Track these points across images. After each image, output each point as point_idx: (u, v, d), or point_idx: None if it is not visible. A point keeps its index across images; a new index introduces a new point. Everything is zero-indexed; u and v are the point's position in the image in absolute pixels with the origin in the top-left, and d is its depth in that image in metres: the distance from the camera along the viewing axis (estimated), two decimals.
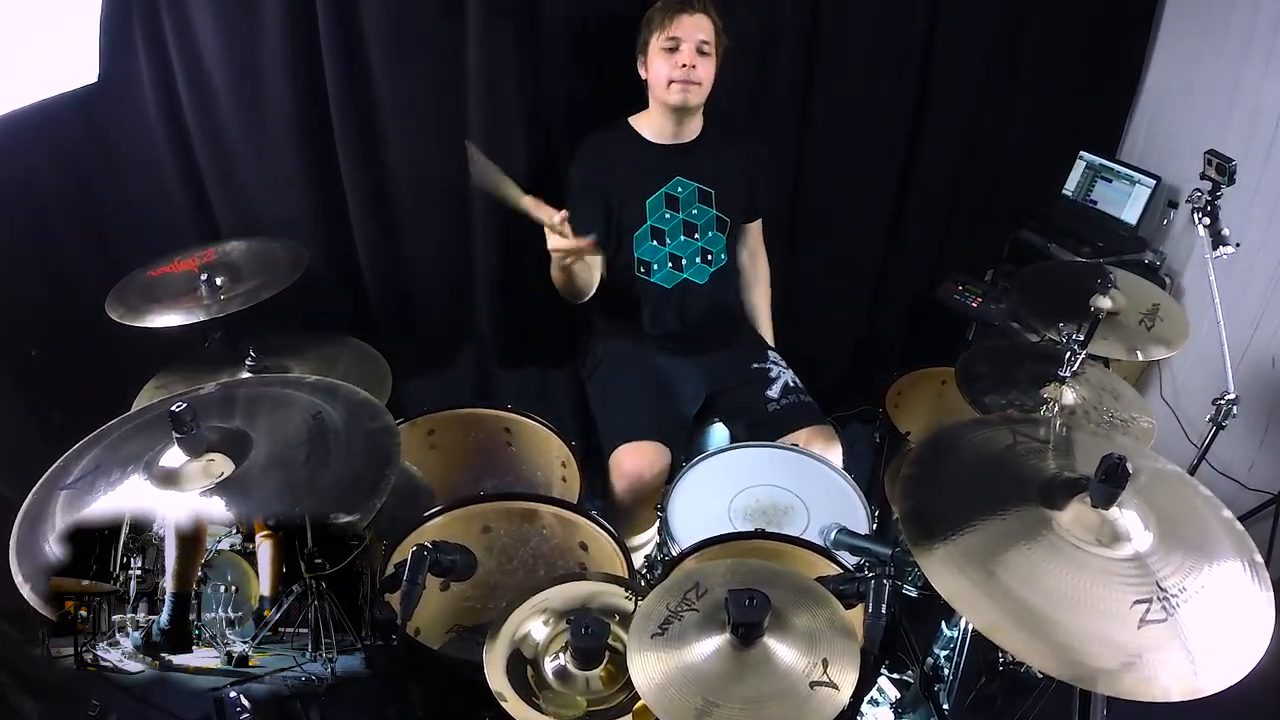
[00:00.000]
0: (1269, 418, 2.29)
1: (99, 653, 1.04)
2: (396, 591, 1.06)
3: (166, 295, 1.70)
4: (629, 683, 1.01)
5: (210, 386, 1.29)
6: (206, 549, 1.06)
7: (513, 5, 1.91)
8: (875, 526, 1.65)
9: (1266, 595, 0.98)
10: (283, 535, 1.06)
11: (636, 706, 1.08)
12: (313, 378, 1.32)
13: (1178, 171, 2.45)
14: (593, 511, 1.59)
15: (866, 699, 1.50)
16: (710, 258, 2.04)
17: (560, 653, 1.15)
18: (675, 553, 1.53)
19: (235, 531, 1.06)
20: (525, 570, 1.58)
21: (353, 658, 1.10)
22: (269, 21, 1.78)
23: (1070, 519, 1.04)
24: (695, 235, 2.02)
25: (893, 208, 2.55)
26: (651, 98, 1.93)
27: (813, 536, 1.50)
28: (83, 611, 1.03)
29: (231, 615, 1.06)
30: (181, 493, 1.07)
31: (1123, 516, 1.03)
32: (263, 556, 1.07)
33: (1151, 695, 0.88)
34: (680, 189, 1.98)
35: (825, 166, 2.38)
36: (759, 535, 1.50)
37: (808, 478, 1.72)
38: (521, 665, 1.14)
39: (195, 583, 1.06)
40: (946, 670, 1.59)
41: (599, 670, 1.14)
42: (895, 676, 1.64)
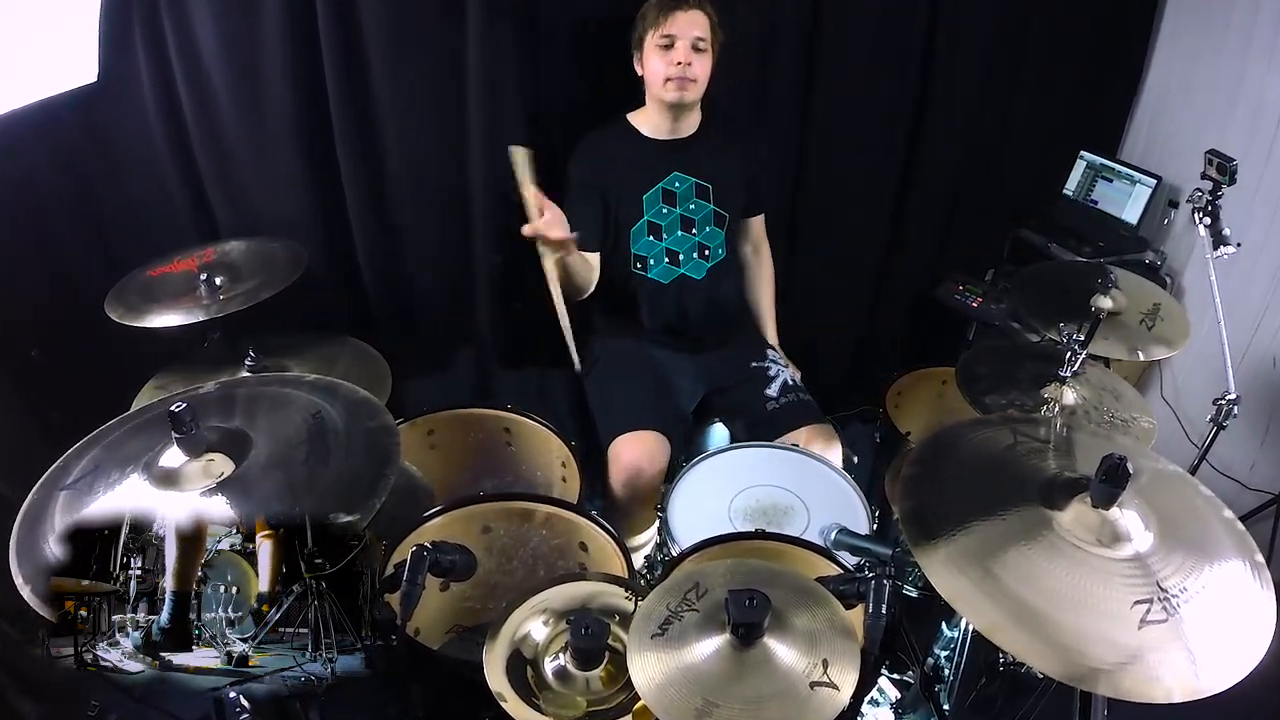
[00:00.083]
0: (1270, 418, 2.29)
1: (99, 653, 1.04)
2: (396, 592, 1.06)
3: (166, 295, 1.70)
4: (629, 683, 1.01)
5: (210, 386, 1.28)
6: (206, 549, 1.06)
7: (513, 5, 1.90)
8: (875, 527, 1.65)
9: (1268, 595, 0.98)
10: (283, 535, 1.06)
11: (636, 707, 1.08)
12: (312, 376, 1.31)
13: (1178, 171, 2.45)
14: (593, 512, 1.59)
15: (867, 699, 1.50)
16: (708, 253, 2.04)
17: (560, 653, 1.15)
18: (675, 553, 1.53)
19: (235, 531, 1.06)
20: (525, 570, 1.58)
21: (353, 658, 1.10)
22: (268, 21, 1.78)
23: (1071, 519, 1.04)
24: (693, 230, 2.01)
25: (893, 207, 2.55)
26: (648, 94, 1.93)
27: (813, 537, 1.50)
28: (83, 611, 1.02)
29: (231, 615, 1.06)
30: (181, 493, 1.07)
31: (1123, 517, 1.03)
32: (263, 556, 1.06)
33: (1152, 696, 0.88)
34: (678, 184, 1.98)
35: (826, 165, 2.38)
36: (759, 535, 1.50)
37: (808, 478, 1.72)
38: (521, 666, 1.14)
39: (195, 582, 1.06)
40: (947, 671, 1.59)
41: (599, 671, 1.13)
42: (896, 677, 1.64)
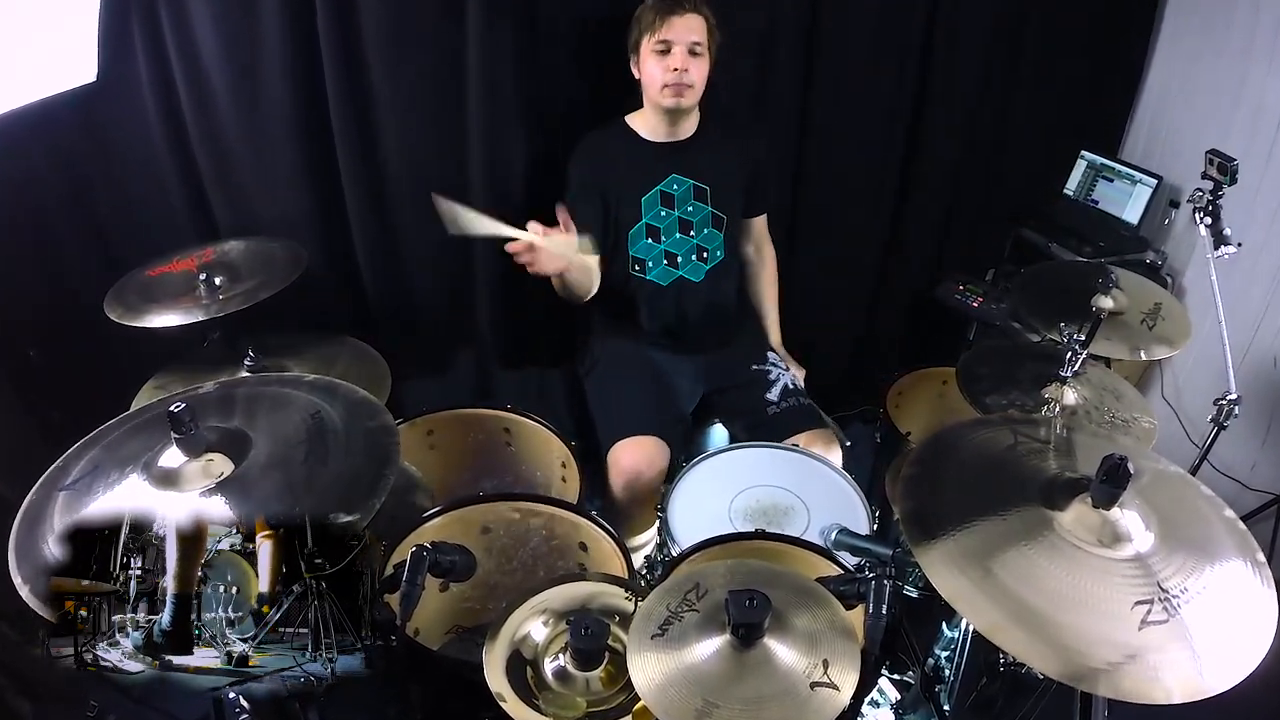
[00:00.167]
0: (1271, 418, 2.29)
1: (99, 653, 1.04)
2: (396, 592, 1.06)
3: (165, 295, 1.70)
4: (629, 684, 1.00)
5: (209, 386, 1.28)
6: (207, 549, 1.06)
7: (513, 5, 1.90)
8: (876, 527, 1.65)
9: (1269, 595, 0.98)
10: (283, 535, 1.06)
11: (636, 707, 1.07)
12: (311, 377, 1.31)
13: (1179, 171, 2.45)
14: (592, 512, 1.59)
15: (867, 700, 1.49)
16: (706, 255, 2.03)
17: (560, 653, 1.15)
18: (675, 553, 1.52)
19: (235, 531, 1.06)
20: (525, 571, 1.58)
21: (352, 658, 1.10)
22: (268, 21, 1.78)
23: (1071, 519, 1.03)
24: (691, 233, 2.00)
25: (893, 205, 2.54)
26: (645, 98, 1.92)
27: (813, 537, 1.50)
28: (83, 611, 1.02)
29: (231, 615, 1.06)
30: (180, 493, 1.07)
31: (1124, 517, 1.03)
32: (263, 556, 1.06)
33: (1153, 696, 0.88)
34: (676, 186, 1.97)
35: (825, 163, 2.38)
36: (759, 536, 1.50)
37: (808, 478, 1.72)
38: (521, 666, 1.14)
39: (196, 583, 1.06)
40: (947, 671, 1.58)
41: (599, 671, 1.13)
42: (896, 677, 1.64)
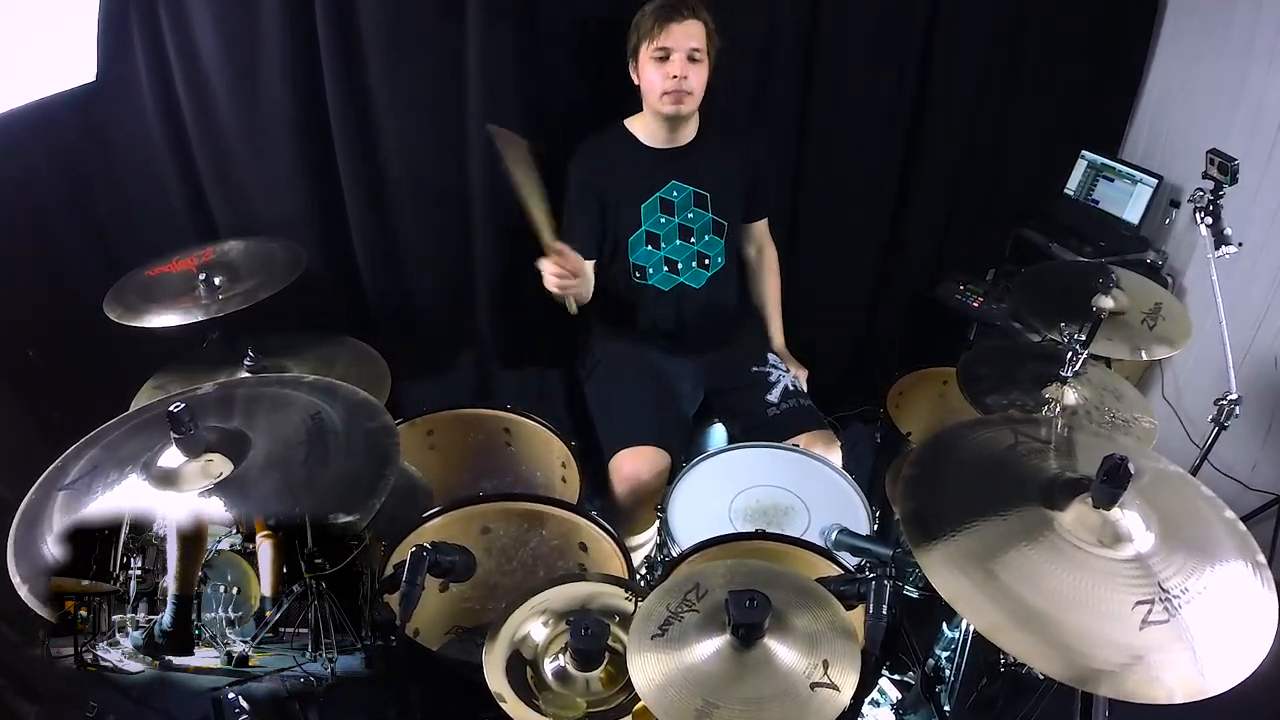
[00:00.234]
0: (1271, 418, 2.28)
1: (99, 653, 1.04)
2: (395, 592, 1.06)
3: (164, 295, 1.70)
4: (629, 684, 1.00)
5: (208, 386, 1.29)
6: (207, 549, 1.06)
7: (513, 5, 1.90)
8: (876, 527, 1.64)
9: (1270, 596, 0.98)
10: (283, 535, 1.06)
11: (636, 708, 1.07)
12: (311, 377, 1.31)
13: (1180, 171, 2.44)
14: (592, 512, 1.59)
15: (867, 700, 1.49)
16: (707, 262, 2.02)
17: (560, 654, 1.15)
18: (675, 553, 1.52)
19: (235, 531, 1.06)
20: (525, 571, 1.58)
21: (352, 658, 1.10)
22: (267, 21, 1.78)
23: (1072, 519, 1.03)
24: (691, 239, 2.00)
25: (893, 207, 2.54)
26: (645, 103, 1.91)
27: (813, 537, 1.50)
28: (83, 611, 1.03)
29: (232, 615, 1.06)
30: (180, 493, 1.07)
31: (1124, 517, 1.03)
32: (263, 556, 1.06)
33: (1154, 697, 0.88)
34: (676, 193, 1.96)
35: (825, 166, 2.37)
36: (759, 536, 1.50)
37: (808, 478, 1.72)
38: (521, 666, 1.14)
39: (197, 583, 1.06)
40: (948, 671, 1.58)
41: (599, 671, 1.13)
42: (896, 678, 1.64)
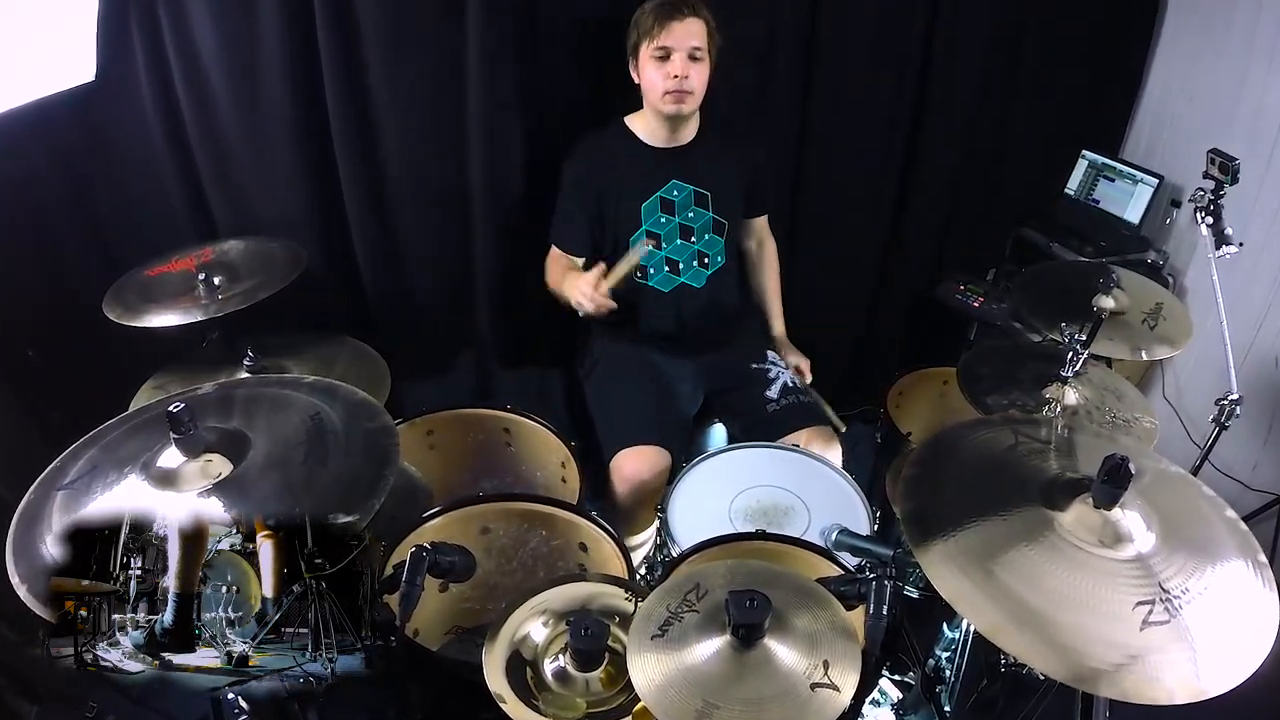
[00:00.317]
0: (1272, 418, 2.28)
1: (99, 653, 1.04)
2: (395, 593, 1.06)
3: (164, 295, 1.69)
4: (629, 684, 1.00)
5: (208, 387, 1.28)
6: (208, 549, 1.06)
7: (512, 5, 1.89)
8: (876, 527, 1.64)
9: (1270, 596, 0.98)
10: (283, 535, 1.05)
11: (636, 708, 1.07)
12: (311, 378, 1.31)
13: (1181, 170, 2.44)
14: (592, 512, 1.59)
15: (868, 701, 1.49)
16: (707, 261, 2.02)
17: (560, 654, 1.15)
18: (675, 554, 1.52)
19: (236, 531, 1.06)
20: (524, 571, 1.58)
21: (352, 658, 1.10)
22: (267, 20, 1.78)
23: (1072, 520, 1.03)
24: (692, 239, 1.99)
25: (893, 211, 2.54)
26: (645, 101, 1.90)
27: (813, 537, 1.50)
28: (83, 611, 1.03)
29: (232, 615, 1.06)
30: (179, 493, 1.07)
31: (1125, 517, 1.03)
32: (264, 556, 1.06)
33: (1154, 697, 0.88)
34: (676, 192, 1.95)
35: (825, 169, 2.37)
36: (759, 536, 1.50)
37: (808, 478, 1.72)
38: (521, 667, 1.14)
39: (197, 583, 1.05)
40: (948, 672, 1.58)
41: (599, 672, 1.13)
42: (897, 678, 1.63)
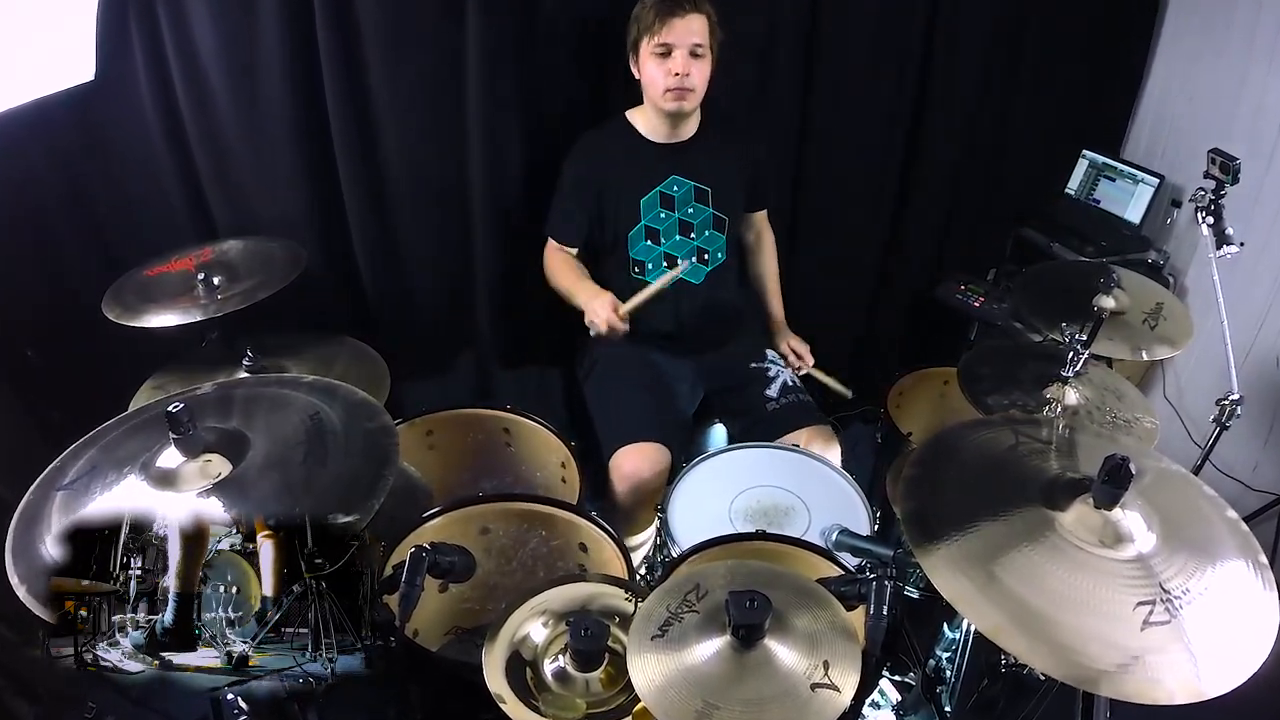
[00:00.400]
0: (1273, 418, 2.28)
1: (99, 653, 1.04)
2: (395, 593, 1.06)
3: (163, 295, 1.69)
4: (629, 685, 1.00)
5: (207, 387, 1.28)
6: (208, 549, 1.06)
7: (512, 5, 1.89)
8: (877, 528, 1.64)
9: (1271, 596, 0.98)
10: (283, 535, 1.05)
11: (636, 709, 1.07)
12: (310, 378, 1.31)
13: (1181, 170, 2.44)
14: (592, 512, 1.58)
15: (868, 701, 1.49)
16: (707, 257, 2.02)
17: (560, 655, 1.14)
18: (675, 554, 1.52)
19: (236, 531, 1.06)
20: (524, 571, 1.58)
21: (352, 658, 1.09)
22: (266, 20, 1.78)
23: (1073, 520, 1.03)
24: (691, 235, 1.99)
25: (893, 207, 2.54)
26: (646, 97, 1.90)
27: (814, 538, 1.50)
28: (83, 611, 1.02)
29: (232, 615, 1.06)
30: (179, 493, 1.07)
31: (1126, 517, 1.03)
32: (264, 557, 1.06)
33: (1155, 698, 0.88)
34: (676, 187, 1.95)
35: (825, 166, 2.37)
36: (760, 536, 1.50)
37: (809, 478, 1.71)
38: (521, 667, 1.13)
39: (198, 583, 1.05)
40: (948, 672, 1.58)
41: (598, 672, 1.13)
42: (897, 679, 1.63)
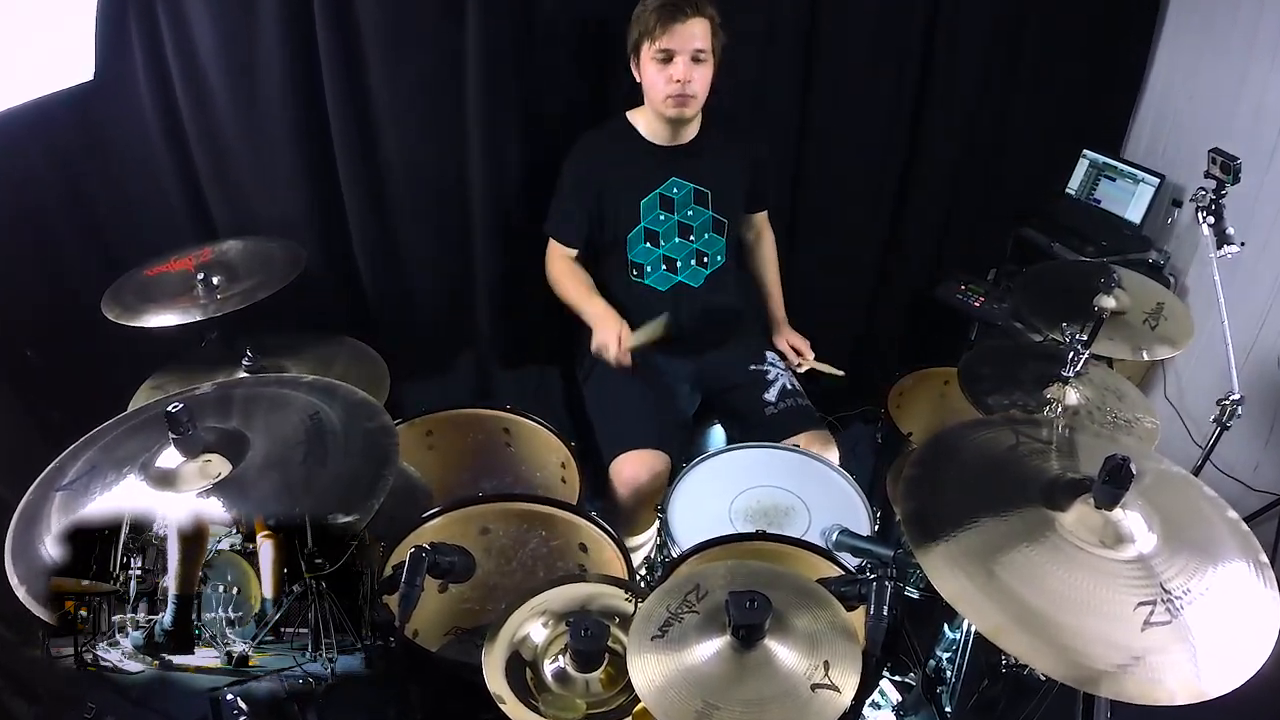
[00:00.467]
0: (1274, 418, 2.28)
1: (99, 653, 1.04)
2: (395, 593, 1.06)
3: (163, 295, 1.69)
4: (629, 685, 1.00)
5: (207, 387, 1.28)
6: (208, 549, 1.06)
7: (512, 5, 1.89)
8: (877, 528, 1.64)
9: (1272, 596, 0.98)
10: (283, 535, 1.05)
11: (636, 709, 1.07)
12: (310, 377, 1.31)
13: (1182, 170, 2.44)
14: (592, 513, 1.58)
15: (868, 702, 1.49)
16: (706, 260, 2.01)
17: (559, 655, 1.14)
18: (675, 554, 1.52)
19: (235, 531, 1.06)
20: (524, 572, 1.58)
21: (352, 658, 1.09)
22: (266, 19, 1.78)
23: (1073, 520, 1.03)
24: (690, 237, 1.98)
25: (893, 206, 2.54)
26: (646, 100, 1.88)
27: (814, 538, 1.50)
28: (83, 612, 1.02)
29: (232, 615, 1.06)
30: (178, 493, 1.07)
31: (1126, 518, 1.02)
32: (264, 556, 1.06)
33: (1156, 698, 0.88)
34: (676, 190, 1.94)
35: (825, 164, 2.37)
36: (760, 536, 1.49)
37: (809, 479, 1.71)
38: (521, 667, 1.13)
39: (197, 583, 1.05)
40: (949, 673, 1.58)
41: (598, 673, 1.13)
42: (897, 679, 1.63)
